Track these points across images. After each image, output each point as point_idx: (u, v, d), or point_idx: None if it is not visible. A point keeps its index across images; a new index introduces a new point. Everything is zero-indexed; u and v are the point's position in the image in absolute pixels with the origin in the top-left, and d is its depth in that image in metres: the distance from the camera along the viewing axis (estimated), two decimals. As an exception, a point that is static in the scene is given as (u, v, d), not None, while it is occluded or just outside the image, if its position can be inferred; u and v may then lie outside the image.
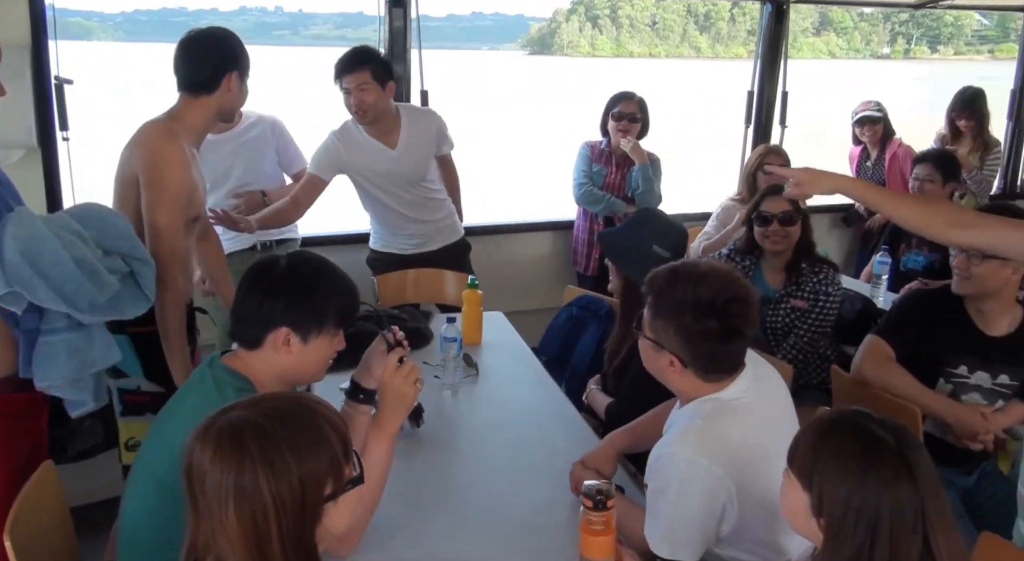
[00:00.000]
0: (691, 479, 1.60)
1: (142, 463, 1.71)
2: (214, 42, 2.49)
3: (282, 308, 1.69)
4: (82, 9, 47.84)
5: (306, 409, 1.24)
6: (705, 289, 1.65)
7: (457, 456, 2.25)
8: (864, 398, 2.39)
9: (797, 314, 2.97)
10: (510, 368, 2.82)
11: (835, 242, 4.92)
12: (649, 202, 3.88)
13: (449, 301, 3.61)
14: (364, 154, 3.29)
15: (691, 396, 1.73)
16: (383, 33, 3.92)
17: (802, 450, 1.29)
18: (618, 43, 52.62)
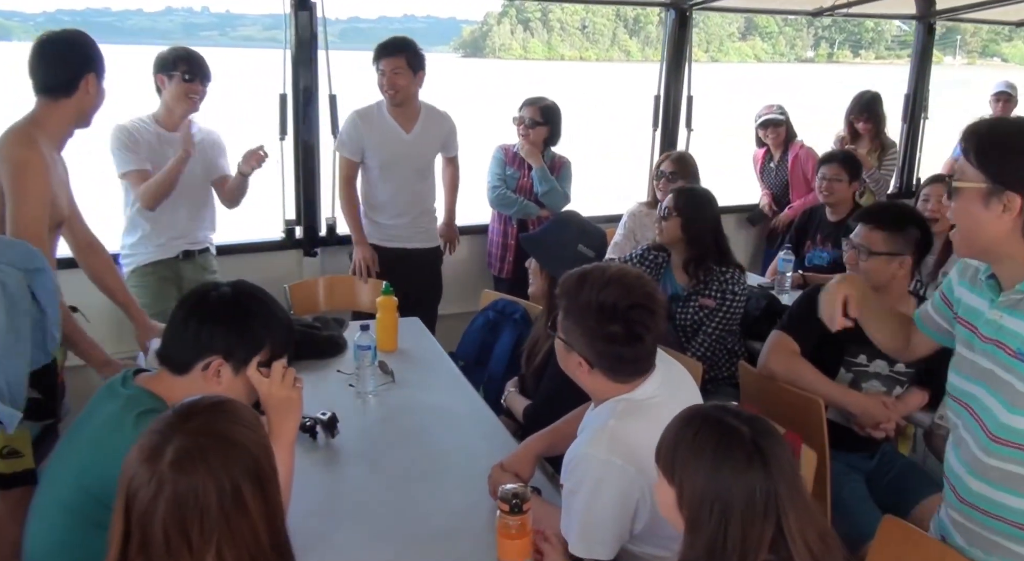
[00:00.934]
0: (605, 479, 1.62)
1: (48, 489, 1.64)
2: (70, 45, 2.44)
3: (220, 336, 1.66)
4: (2, 8, 45.47)
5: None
6: (609, 294, 1.68)
7: (374, 465, 2.22)
8: (770, 391, 2.47)
9: (705, 312, 3.04)
10: (427, 374, 2.81)
11: (741, 241, 5.07)
12: (554, 203, 3.92)
13: (364, 308, 3.57)
14: (381, 133, 3.64)
15: (603, 396, 1.77)
16: (289, 35, 3.85)
17: (665, 446, 1.35)
18: (549, 46, 53.12)
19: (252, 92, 3.69)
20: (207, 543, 1.16)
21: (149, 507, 1.16)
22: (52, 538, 1.58)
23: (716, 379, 3.04)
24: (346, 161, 3.69)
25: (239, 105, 3.62)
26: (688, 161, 3.94)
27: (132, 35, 42.69)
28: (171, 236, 3.35)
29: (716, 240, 3.09)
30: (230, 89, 3.65)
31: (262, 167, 3.40)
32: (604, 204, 5.36)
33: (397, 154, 3.67)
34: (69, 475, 1.60)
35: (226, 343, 1.66)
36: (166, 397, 1.66)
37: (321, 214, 4.07)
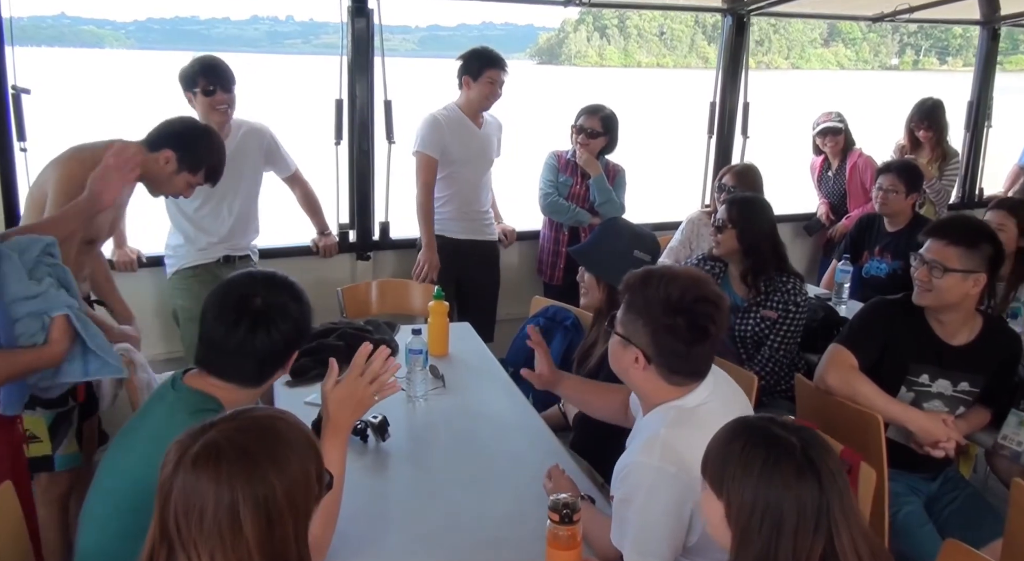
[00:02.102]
0: (658, 486, 1.60)
1: (99, 491, 1.66)
2: (190, 129, 2.65)
3: (293, 340, 1.71)
4: (95, 17, 47.21)
5: (280, 416, 1.26)
6: (676, 287, 1.69)
7: (423, 469, 2.22)
8: (828, 406, 2.41)
9: (767, 324, 2.98)
10: (477, 379, 2.81)
11: (797, 250, 4.98)
12: (611, 212, 3.90)
13: (416, 313, 3.59)
14: (459, 128, 3.82)
15: (653, 400, 1.75)
16: (346, 41, 3.90)
17: (712, 459, 1.31)
18: (626, 53, 52.86)
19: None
20: (202, 545, 1.14)
21: (165, 488, 1.16)
22: (104, 538, 1.60)
23: (772, 392, 2.98)
24: (428, 159, 3.76)
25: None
26: (749, 175, 3.88)
27: (219, 43, 43.82)
28: (212, 241, 3.42)
29: (774, 248, 3.04)
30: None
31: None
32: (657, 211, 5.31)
33: (473, 148, 3.83)
34: (123, 475, 1.62)
35: (276, 354, 1.70)
36: (218, 395, 1.68)
37: (375, 218, 4.10)
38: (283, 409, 1.30)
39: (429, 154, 3.76)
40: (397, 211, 4.12)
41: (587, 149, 3.88)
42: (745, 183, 3.81)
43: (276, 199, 3.67)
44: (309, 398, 2.55)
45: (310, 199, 3.83)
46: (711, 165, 4.82)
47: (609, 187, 3.91)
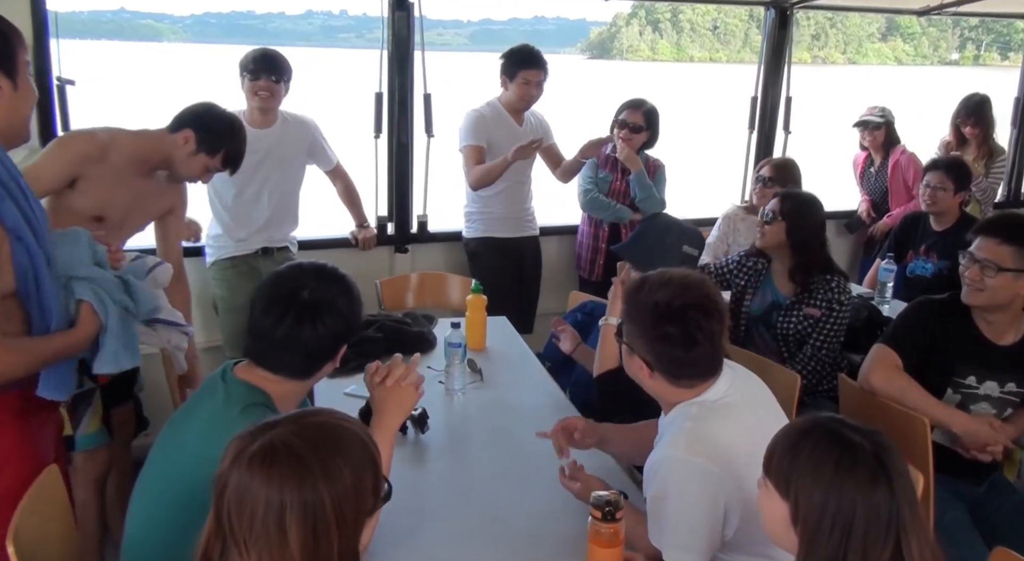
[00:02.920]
0: (687, 480, 1.59)
1: (148, 482, 1.68)
2: (213, 112, 2.68)
3: (342, 332, 1.71)
4: (154, 11, 48.20)
5: (344, 424, 1.24)
6: (664, 294, 1.67)
7: (462, 463, 2.23)
8: (872, 407, 2.37)
9: (810, 322, 2.94)
10: (514, 374, 2.81)
11: (837, 248, 4.90)
12: (652, 208, 3.86)
13: (453, 306, 3.60)
14: (501, 125, 3.82)
15: (669, 400, 1.75)
16: (386, 35, 3.91)
17: (778, 458, 1.28)
18: (678, 47, 52.29)
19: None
20: (251, 544, 1.14)
21: (221, 483, 1.16)
22: (152, 529, 1.61)
23: (814, 392, 2.94)
24: (475, 148, 3.76)
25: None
26: (788, 168, 3.83)
27: (275, 37, 44.49)
28: (250, 231, 3.46)
29: (822, 246, 3.00)
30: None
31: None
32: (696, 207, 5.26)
33: (514, 144, 3.76)
34: (172, 466, 1.63)
35: (324, 347, 1.70)
36: (267, 389, 1.68)
37: (413, 211, 4.11)
38: (348, 415, 1.28)
39: (477, 144, 3.77)
40: (435, 205, 4.13)
41: (629, 144, 3.85)
42: (783, 176, 3.76)
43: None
44: (349, 389, 2.57)
45: (350, 192, 3.85)
46: (751, 160, 4.76)
47: (650, 183, 3.88)
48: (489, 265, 3.84)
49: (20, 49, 1.78)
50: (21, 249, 1.70)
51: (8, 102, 1.75)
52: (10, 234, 1.67)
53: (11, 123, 1.78)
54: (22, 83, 1.77)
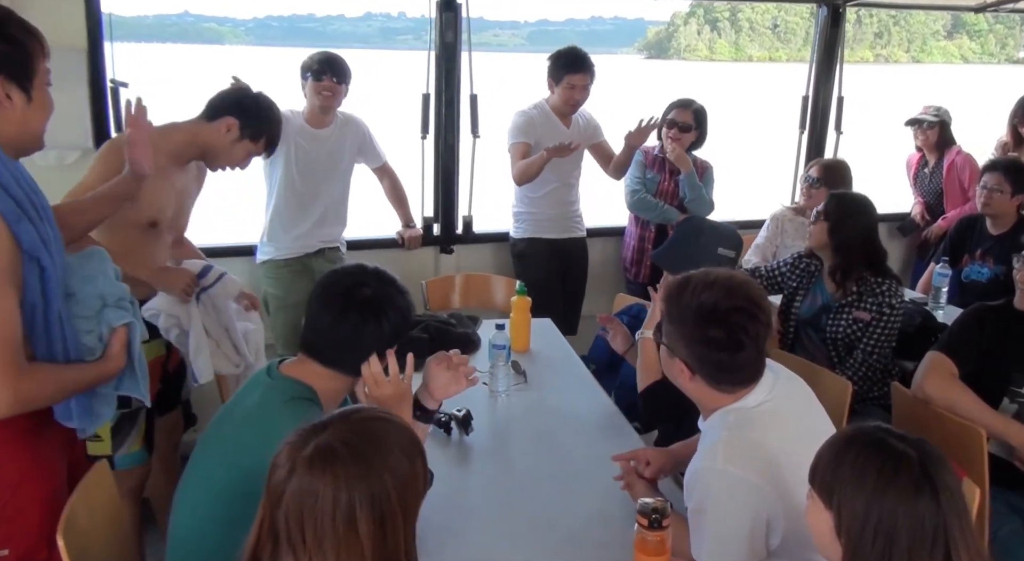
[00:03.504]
0: (725, 492, 1.56)
1: (193, 475, 1.71)
2: (247, 97, 2.64)
3: (374, 335, 1.71)
4: (216, 15, 49.50)
5: (388, 416, 1.28)
6: (708, 296, 1.63)
7: (506, 465, 2.23)
8: (926, 417, 2.32)
9: (859, 326, 2.88)
10: (559, 376, 2.80)
11: (891, 252, 4.78)
12: (700, 209, 3.83)
13: (497, 307, 3.60)
14: (548, 127, 3.81)
15: (709, 405, 1.71)
16: (433, 35, 3.92)
17: (822, 467, 1.27)
18: (737, 47, 51.62)
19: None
20: (317, 548, 1.15)
21: (278, 491, 1.17)
22: (200, 524, 1.64)
23: (865, 399, 2.88)
24: (522, 146, 3.77)
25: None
26: (837, 169, 3.77)
27: (334, 40, 45.17)
28: (306, 231, 3.50)
29: (866, 249, 2.93)
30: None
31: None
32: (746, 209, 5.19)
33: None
34: (217, 463, 1.65)
35: (379, 341, 1.72)
36: (315, 384, 1.70)
37: (458, 212, 4.13)
38: (387, 409, 1.32)
39: (524, 142, 3.77)
40: (480, 206, 4.13)
41: (678, 144, 3.81)
42: (832, 177, 3.70)
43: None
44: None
45: (397, 191, 3.88)
46: (802, 161, 4.68)
47: (699, 184, 3.84)
48: (535, 266, 3.84)
49: (39, 57, 1.68)
50: (34, 270, 1.62)
51: (20, 115, 1.66)
52: (26, 255, 1.59)
53: (22, 136, 1.69)
54: (38, 94, 1.69)
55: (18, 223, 1.57)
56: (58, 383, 1.69)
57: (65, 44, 3.23)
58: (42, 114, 1.72)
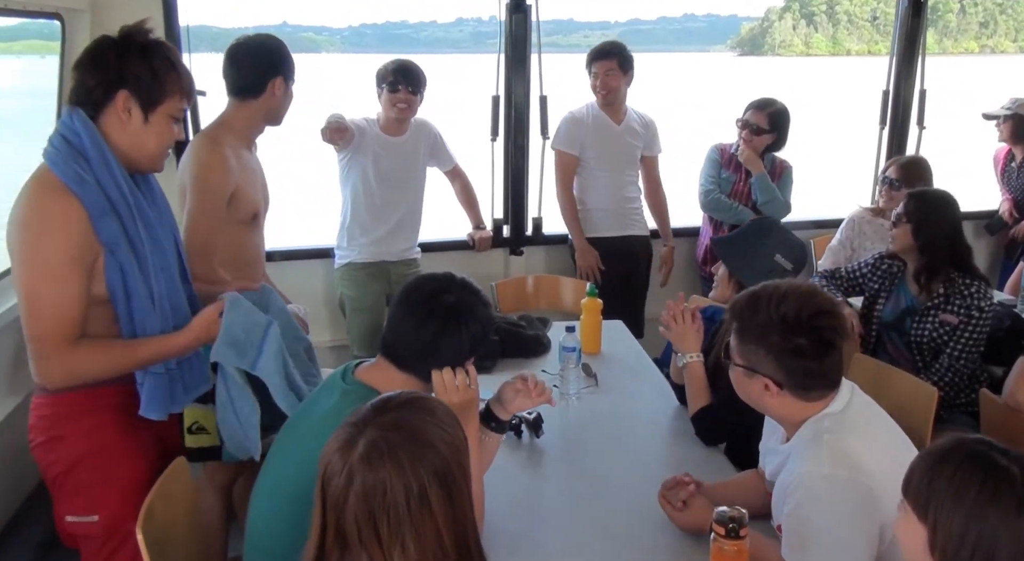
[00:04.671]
0: (835, 496, 1.53)
1: (270, 474, 1.75)
2: (260, 49, 2.58)
3: (470, 348, 1.74)
4: (313, 24, 50.84)
5: (420, 394, 1.33)
6: (789, 307, 1.62)
7: (577, 469, 2.21)
8: (1016, 426, 2.22)
9: (946, 330, 2.78)
10: (630, 379, 2.77)
11: (978, 251, 4.60)
12: (775, 212, 3.74)
13: (568, 309, 3.59)
14: (595, 128, 3.81)
15: (795, 418, 1.68)
16: (503, 38, 3.94)
17: (917, 480, 1.22)
18: (835, 41, 50.41)
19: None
20: (395, 538, 1.17)
21: (340, 497, 1.18)
22: (276, 523, 1.68)
23: (951, 405, 2.77)
24: (565, 155, 3.79)
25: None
26: (915, 168, 3.63)
27: (426, 45, 46.16)
28: (378, 237, 3.55)
29: (952, 248, 2.82)
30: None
31: None
32: (825, 208, 5.05)
33: (609, 145, 3.80)
34: (290, 464, 1.69)
35: (461, 352, 1.73)
36: (386, 390, 1.72)
37: (528, 214, 4.13)
38: (414, 390, 1.38)
39: (567, 151, 3.78)
40: (550, 207, 4.13)
41: (750, 146, 3.73)
42: (910, 176, 3.56)
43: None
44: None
45: (468, 193, 3.90)
46: (883, 158, 4.54)
47: (772, 185, 3.75)
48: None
49: (173, 93, 1.86)
50: (114, 263, 1.77)
51: (133, 132, 1.82)
52: (104, 248, 1.75)
53: (132, 150, 1.84)
54: (156, 120, 1.84)
55: (100, 218, 1.73)
56: (108, 356, 1.82)
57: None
58: (156, 140, 1.86)
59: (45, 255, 1.72)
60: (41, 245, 1.72)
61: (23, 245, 1.74)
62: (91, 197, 1.73)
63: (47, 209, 1.72)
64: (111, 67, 1.79)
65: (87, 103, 1.80)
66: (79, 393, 1.83)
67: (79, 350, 1.77)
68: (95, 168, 1.75)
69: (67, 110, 1.81)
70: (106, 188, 1.75)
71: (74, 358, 1.76)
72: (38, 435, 1.88)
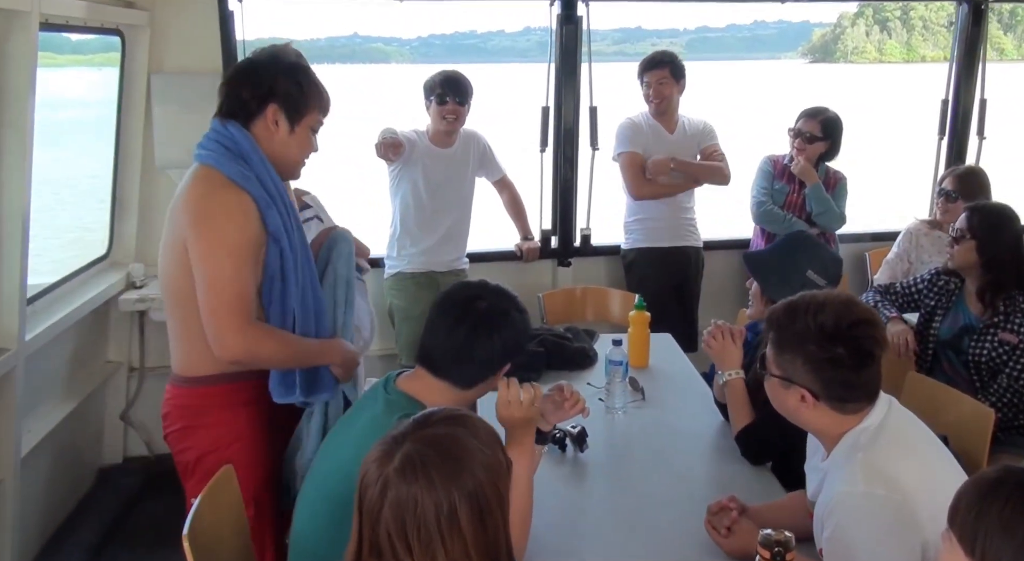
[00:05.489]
0: (872, 515, 1.49)
1: (314, 480, 1.78)
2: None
3: (502, 354, 1.75)
4: (383, 35, 52.21)
5: (460, 412, 1.31)
6: (827, 316, 1.60)
7: (622, 485, 2.18)
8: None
9: (1006, 349, 2.69)
10: (678, 394, 2.73)
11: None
12: (828, 223, 3.67)
13: (615, 321, 3.56)
14: (649, 135, 3.81)
15: (832, 433, 1.65)
16: (554, 49, 3.94)
17: (964, 511, 1.17)
18: (909, 47, 49.33)
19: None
20: (425, 553, 1.17)
21: (375, 506, 1.19)
22: (317, 527, 1.71)
23: (1008, 427, 2.67)
24: (632, 155, 3.77)
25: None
26: (973, 179, 3.53)
27: (494, 55, 46.67)
28: (427, 247, 3.57)
29: (1018, 264, 2.74)
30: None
31: None
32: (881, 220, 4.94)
33: (665, 151, 3.76)
34: (334, 471, 1.72)
35: (493, 358, 1.74)
36: (426, 400, 1.73)
37: (576, 225, 4.11)
38: (457, 407, 1.35)
39: (633, 151, 3.76)
40: (599, 219, 4.11)
41: (803, 155, 3.67)
42: (968, 188, 3.46)
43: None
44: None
45: (516, 204, 3.91)
46: (941, 169, 4.42)
47: (827, 196, 3.67)
48: (645, 276, 3.79)
49: (314, 109, 2.05)
50: (275, 249, 1.97)
51: (281, 139, 2.02)
52: (270, 237, 1.96)
53: (279, 156, 2.03)
54: (300, 132, 2.04)
55: (268, 209, 1.95)
56: (281, 342, 2.00)
57: (202, 69, 3.44)
58: (299, 149, 2.07)
59: (228, 240, 1.90)
60: (225, 232, 1.90)
61: (208, 233, 1.91)
62: (257, 191, 1.94)
63: (226, 202, 1.91)
64: (263, 82, 1.98)
65: (240, 114, 1.99)
66: (218, 387, 2.02)
67: (257, 328, 1.96)
68: (255, 168, 1.96)
69: (218, 121, 2.00)
70: (266, 185, 1.97)
71: (253, 334, 1.94)
72: (175, 421, 2.06)
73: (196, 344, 1.98)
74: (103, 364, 3.51)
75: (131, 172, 3.52)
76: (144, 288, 3.44)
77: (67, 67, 4.33)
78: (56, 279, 3.15)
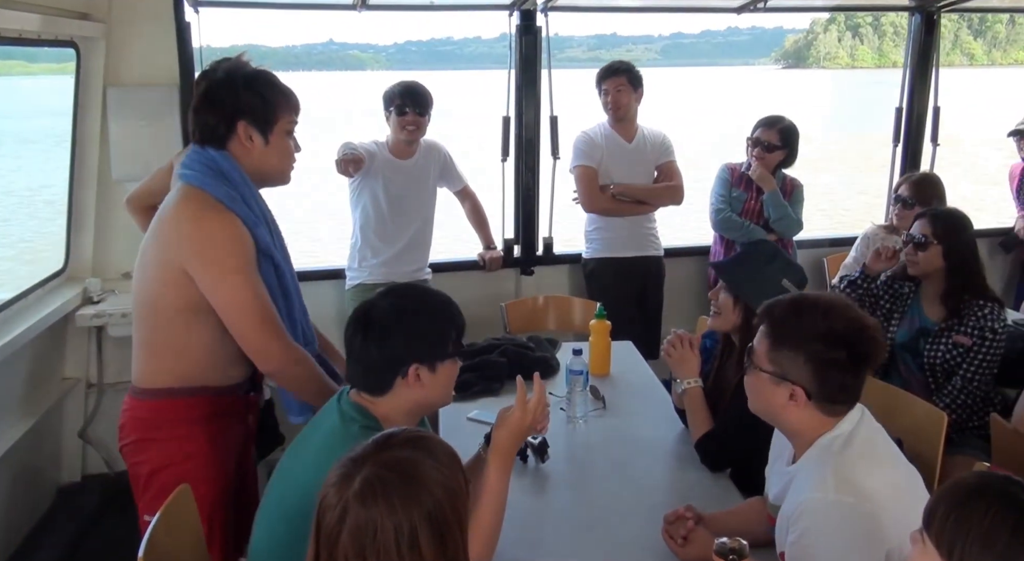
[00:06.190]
0: (840, 523, 1.51)
1: (271, 498, 1.76)
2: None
3: (403, 347, 1.72)
4: (359, 42, 51.62)
5: (425, 433, 1.31)
6: (836, 319, 1.62)
7: (583, 494, 2.20)
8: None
9: (959, 351, 2.76)
10: (639, 402, 2.75)
11: (991, 271, 4.56)
12: (786, 229, 3.73)
13: (578, 330, 3.58)
14: (610, 144, 3.84)
15: (808, 435, 1.66)
16: (514, 58, 3.96)
17: (942, 516, 1.16)
18: (880, 53, 49.83)
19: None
20: None
21: (333, 531, 1.18)
22: (273, 544, 1.69)
23: (963, 428, 2.74)
24: (586, 169, 3.80)
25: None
26: (928, 186, 3.60)
27: (470, 61, 46.37)
28: (388, 257, 3.57)
29: (978, 268, 2.83)
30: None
31: None
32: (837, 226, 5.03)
33: (624, 163, 3.81)
34: (291, 486, 1.71)
35: (413, 350, 1.72)
36: (373, 412, 1.73)
37: (539, 234, 4.13)
38: (420, 428, 1.36)
39: (588, 164, 3.78)
40: (560, 227, 4.13)
41: (762, 163, 3.73)
42: (923, 194, 3.54)
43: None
44: (472, 414, 2.59)
45: (478, 213, 3.92)
46: (896, 175, 4.52)
47: (784, 203, 3.74)
48: (606, 286, 3.81)
49: (283, 111, 2.04)
50: (269, 266, 2.02)
51: (258, 154, 2.02)
52: (260, 254, 1.99)
53: (260, 169, 2.04)
54: (275, 140, 2.03)
55: (256, 227, 1.98)
56: (315, 372, 2.10)
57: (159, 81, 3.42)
58: (279, 157, 2.07)
59: (234, 263, 1.93)
60: (230, 256, 1.93)
61: (215, 261, 1.92)
62: (243, 211, 1.96)
63: (223, 225, 1.93)
64: (226, 104, 1.98)
65: (212, 139, 1.99)
66: (176, 400, 2.02)
67: (300, 350, 2.05)
68: (240, 188, 1.98)
69: (195, 147, 2.01)
70: (250, 204, 1.99)
71: (295, 346, 2.03)
72: (130, 434, 2.06)
73: (159, 354, 2.00)
74: (60, 381, 3.45)
75: (87, 185, 3.47)
76: (101, 303, 3.38)
77: (40, 76, 4.26)
78: (11, 295, 3.10)
